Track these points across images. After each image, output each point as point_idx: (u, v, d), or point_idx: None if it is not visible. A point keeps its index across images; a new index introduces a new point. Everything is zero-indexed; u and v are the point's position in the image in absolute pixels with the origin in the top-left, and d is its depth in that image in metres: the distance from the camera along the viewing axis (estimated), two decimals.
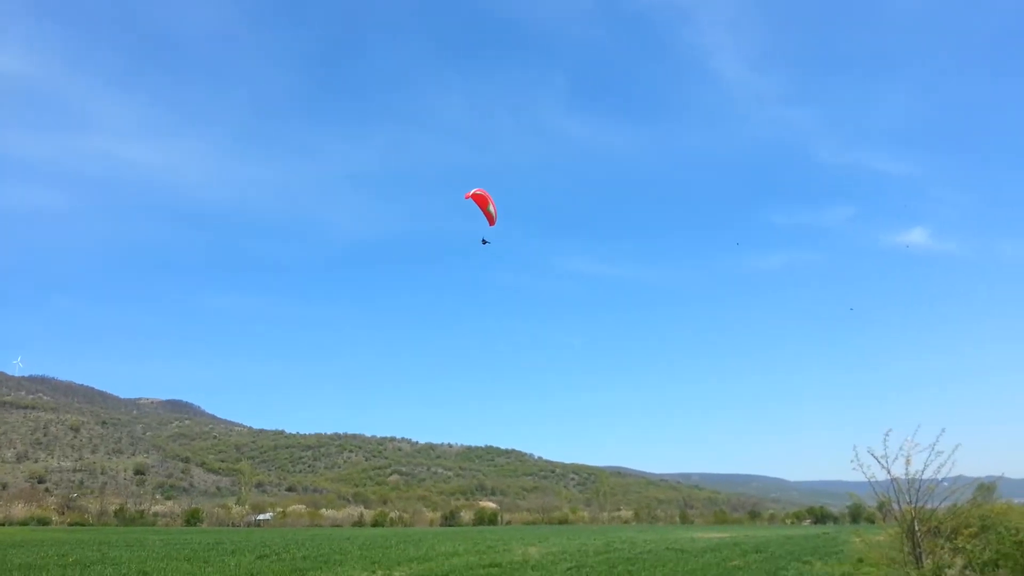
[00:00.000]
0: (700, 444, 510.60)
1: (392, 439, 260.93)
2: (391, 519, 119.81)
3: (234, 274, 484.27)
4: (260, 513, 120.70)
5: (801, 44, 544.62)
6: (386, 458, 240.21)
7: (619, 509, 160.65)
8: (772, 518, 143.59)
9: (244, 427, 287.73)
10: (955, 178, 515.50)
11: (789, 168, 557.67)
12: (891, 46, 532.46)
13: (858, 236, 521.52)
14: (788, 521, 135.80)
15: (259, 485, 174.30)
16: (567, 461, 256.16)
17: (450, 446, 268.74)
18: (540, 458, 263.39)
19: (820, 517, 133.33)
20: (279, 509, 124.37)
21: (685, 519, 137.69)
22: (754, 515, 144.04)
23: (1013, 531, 17.36)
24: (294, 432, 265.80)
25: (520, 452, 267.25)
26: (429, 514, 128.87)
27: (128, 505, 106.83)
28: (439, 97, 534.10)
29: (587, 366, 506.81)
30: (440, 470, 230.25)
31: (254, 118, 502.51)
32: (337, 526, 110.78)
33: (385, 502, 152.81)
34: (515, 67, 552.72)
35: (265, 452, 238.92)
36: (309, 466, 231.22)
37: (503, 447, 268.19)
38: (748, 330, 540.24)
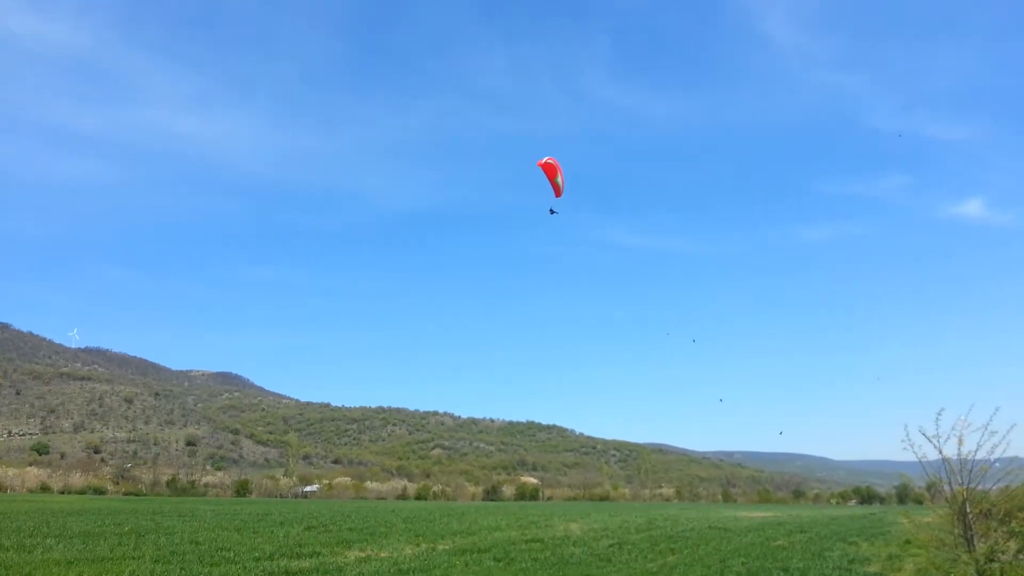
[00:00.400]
0: (743, 422, 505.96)
1: (435, 413, 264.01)
2: (434, 492, 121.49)
3: (281, 245, 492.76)
4: (307, 485, 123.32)
5: (853, 5, 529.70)
6: (429, 432, 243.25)
7: (660, 486, 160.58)
8: (817, 498, 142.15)
9: (291, 400, 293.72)
10: (1012, 145, 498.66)
11: (841, 136, 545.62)
12: (947, 6, 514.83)
13: (912, 207, 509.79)
14: (833, 501, 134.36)
15: (306, 457, 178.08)
16: (608, 437, 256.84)
17: (492, 421, 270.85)
18: (581, 434, 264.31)
19: (866, 497, 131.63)
20: (325, 481, 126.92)
21: (728, 497, 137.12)
22: (798, 494, 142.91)
23: None
24: (339, 405, 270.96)
25: (561, 428, 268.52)
26: (471, 488, 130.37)
27: (180, 476, 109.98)
28: (482, 62, 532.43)
29: (629, 340, 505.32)
30: (482, 445, 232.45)
31: (300, 88, 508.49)
32: (381, 499, 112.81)
33: (428, 476, 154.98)
34: (559, 32, 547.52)
35: (312, 424, 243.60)
36: (354, 439, 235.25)
37: (544, 423, 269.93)
38: (795, 305, 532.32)
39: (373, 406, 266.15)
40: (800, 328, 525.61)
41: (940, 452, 18.53)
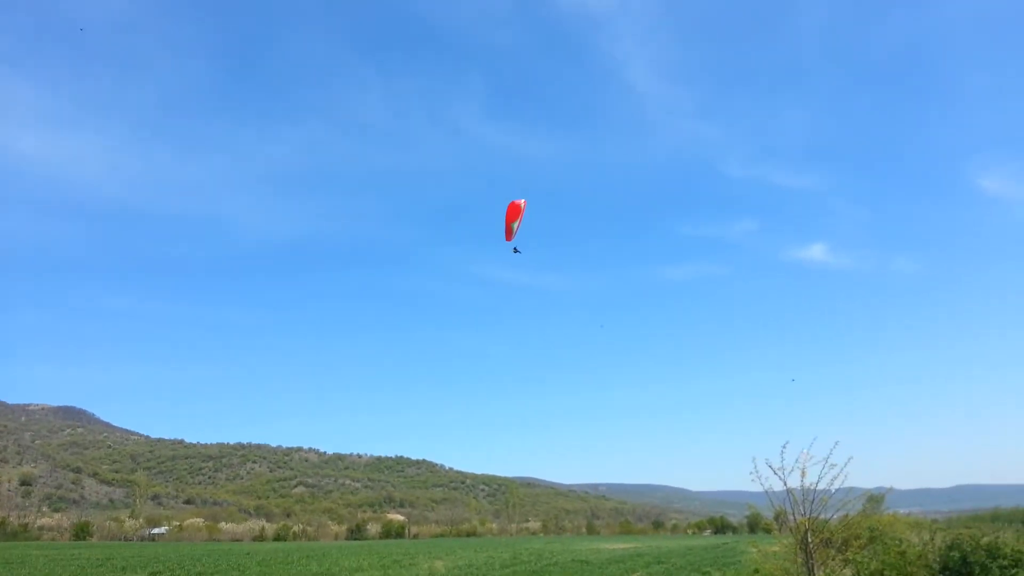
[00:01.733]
0: (608, 454, 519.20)
1: (299, 449, 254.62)
2: (294, 533, 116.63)
3: (134, 274, 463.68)
4: (155, 527, 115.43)
5: (710, 59, 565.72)
6: (292, 469, 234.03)
7: (528, 520, 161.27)
8: (675, 528, 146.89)
9: (141, 436, 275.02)
10: (852, 194, 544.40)
11: (698, 181, 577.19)
12: (794, 63, 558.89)
13: (761, 249, 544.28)
14: (690, 531, 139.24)
15: (155, 497, 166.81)
16: (478, 472, 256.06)
17: (359, 456, 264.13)
18: (451, 468, 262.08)
19: (720, 527, 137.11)
20: (175, 523, 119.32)
21: (592, 530, 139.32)
22: (658, 525, 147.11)
23: (897, 542, 18.16)
24: (194, 442, 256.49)
25: (431, 462, 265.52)
26: (334, 527, 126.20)
27: (11, 518, 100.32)
28: (357, 95, 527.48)
29: (501, 375, 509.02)
30: (348, 481, 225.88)
31: (160, 111, 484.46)
32: (237, 541, 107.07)
33: (289, 515, 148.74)
34: (433, 68, 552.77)
35: (163, 462, 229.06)
36: (209, 477, 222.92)
37: (414, 457, 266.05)
38: (656, 340, 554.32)
39: (232, 442, 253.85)
40: (661, 362, 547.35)
41: (785, 484, 19.55)
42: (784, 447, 19.29)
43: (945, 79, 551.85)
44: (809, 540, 19.61)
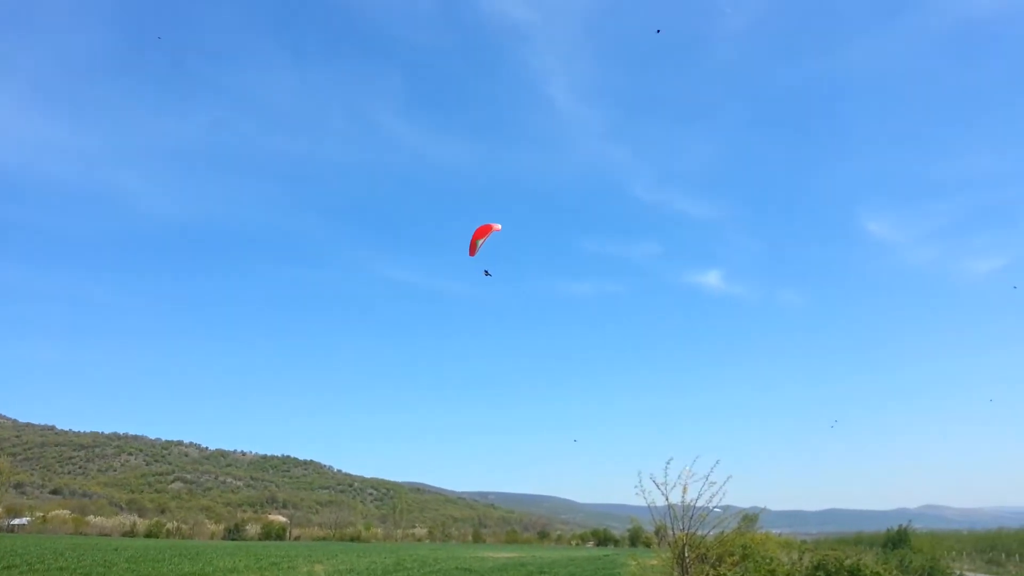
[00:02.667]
0: (499, 463, 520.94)
1: (179, 443, 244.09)
2: (168, 530, 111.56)
3: (9, 245, 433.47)
4: (16, 517, 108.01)
5: (624, 83, 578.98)
6: (170, 463, 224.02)
7: (414, 526, 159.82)
8: (560, 539, 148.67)
9: (8, 419, 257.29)
10: (748, 227, 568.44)
11: (606, 201, 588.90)
12: (703, 96, 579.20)
13: (661, 272, 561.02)
14: (574, 542, 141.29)
15: (18, 486, 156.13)
16: (368, 475, 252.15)
17: (243, 454, 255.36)
18: (339, 471, 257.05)
19: (603, 539, 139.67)
20: (39, 514, 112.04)
21: (478, 538, 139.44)
22: (543, 535, 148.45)
23: (768, 560, 18.95)
24: (66, 429, 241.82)
25: (319, 464, 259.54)
26: (211, 526, 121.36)
27: None
28: (269, 77, 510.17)
29: (397, 379, 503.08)
30: (229, 479, 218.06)
31: (55, 74, 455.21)
32: (105, 535, 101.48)
33: (163, 512, 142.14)
34: (352, 60, 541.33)
35: (30, 449, 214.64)
36: (80, 467, 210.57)
37: (301, 458, 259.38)
38: (553, 353, 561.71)
39: (106, 432, 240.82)
40: (557, 374, 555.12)
41: (667, 499, 20.14)
42: (668, 463, 19.89)
43: (842, 125, 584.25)
44: (686, 555, 20.24)
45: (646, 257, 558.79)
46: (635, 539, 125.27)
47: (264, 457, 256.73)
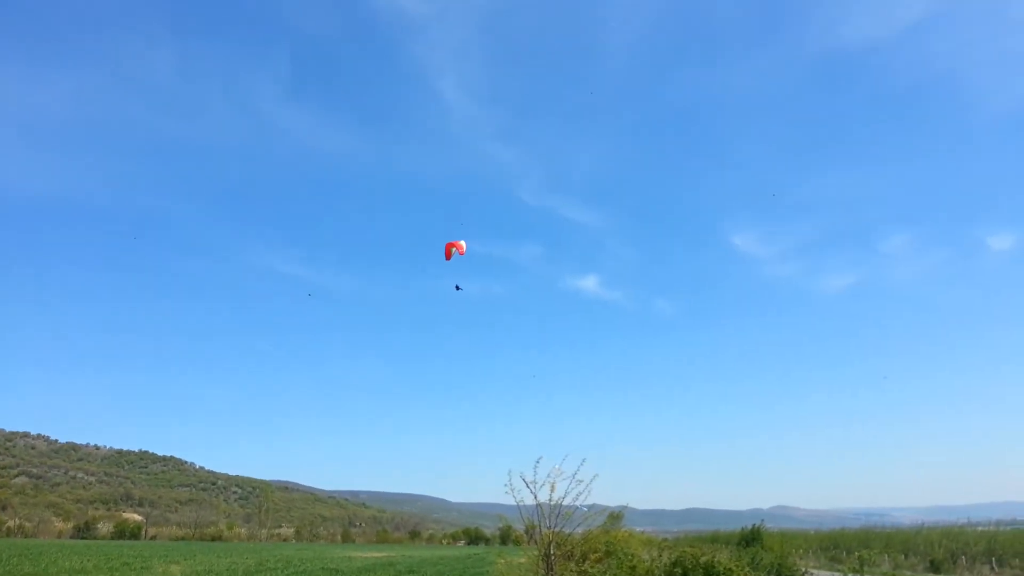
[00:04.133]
0: (371, 462, 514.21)
1: (25, 435, 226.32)
2: (9, 528, 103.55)
3: None
4: None
5: (515, 85, 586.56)
6: (14, 456, 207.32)
7: (280, 526, 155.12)
8: (431, 538, 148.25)
9: None
10: (626, 235, 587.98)
11: (493, 201, 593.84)
12: (590, 104, 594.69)
13: (544, 275, 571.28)
14: (445, 541, 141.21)
15: None
16: (232, 472, 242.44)
17: (97, 448, 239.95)
18: (202, 468, 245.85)
19: (474, 538, 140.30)
20: None
21: (347, 537, 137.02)
22: (415, 535, 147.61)
23: (629, 556, 19.53)
24: None
25: (179, 460, 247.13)
26: (59, 524, 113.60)
27: None
28: (143, 50, 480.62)
29: (268, 373, 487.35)
30: (80, 475, 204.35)
31: None
32: None
33: (5, 508, 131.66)
34: (236, 40, 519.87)
35: None
36: None
37: (160, 453, 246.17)
38: (432, 351, 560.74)
39: None
40: (435, 372, 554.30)
41: (535, 497, 20.39)
42: (538, 462, 20.13)
43: (716, 141, 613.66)
44: (552, 552, 20.56)
45: (530, 259, 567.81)
46: (506, 538, 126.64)
47: (120, 452, 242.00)
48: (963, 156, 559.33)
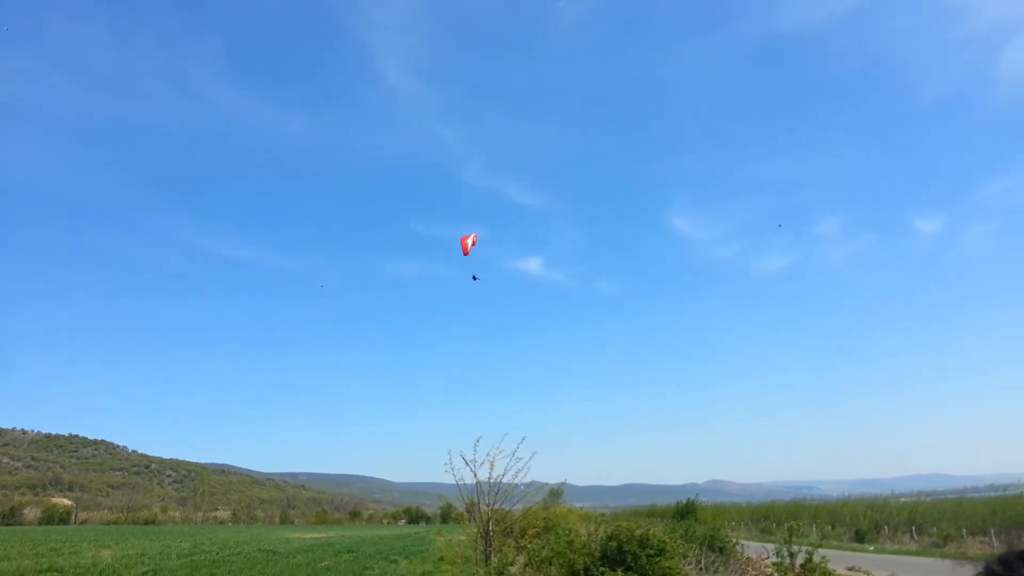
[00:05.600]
0: (310, 443, 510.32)
1: None
2: None
3: None
4: None
5: (461, 67, 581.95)
6: None
7: (217, 509, 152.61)
8: (371, 518, 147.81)
9: None
10: (570, 219, 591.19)
11: (437, 182, 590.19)
12: (536, 89, 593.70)
13: (488, 256, 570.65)
14: (386, 521, 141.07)
15: None
16: (166, 456, 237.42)
17: (24, 432, 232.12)
18: (134, 451, 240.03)
19: (415, 517, 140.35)
20: None
21: (285, 519, 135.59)
22: (355, 515, 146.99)
23: (567, 532, 19.82)
24: None
25: (111, 444, 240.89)
26: None
27: None
28: (76, 27, 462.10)
29: (205, 353, 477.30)
30: (6, 459, 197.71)
31: None
32: None
33: None
34: (172, 19, 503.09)
35: None
36: None
37: (91, 437, 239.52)
38: (374, 330, 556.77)
39: None
40: (376, 352, 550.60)
41: (475, 476, 20.51)
42: (478, 441, 20.24)
43: (659, 126, 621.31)
44: (491, 529, 20.74)
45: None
46: (447, 516, 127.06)
47: (48, 436, 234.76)
48: (893, 142, 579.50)
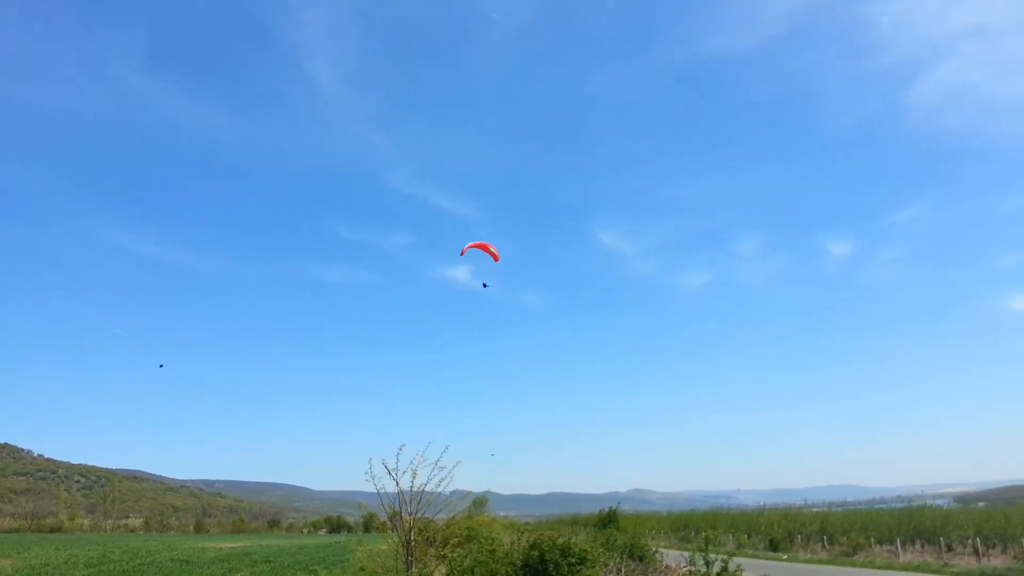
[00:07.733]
0: (228, 450, 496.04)
1: None
2: None
3: None
4: None
5: (391, 72, 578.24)
6: None
7: (128, 516, 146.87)
8: (291, 527, 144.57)
9: None
10: (497, 229, 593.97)
11: (363, 187, 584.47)
12: (467, 96, 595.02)
13: (414, 263, 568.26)
14: (306, 530, 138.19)
15: None
16: (75, 461, 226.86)
17: None
18: (40, 456, 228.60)
19: (336, 526, 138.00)
20: None
21: (200, 528, 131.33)
22: (273, 524, 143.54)
23: (490, 541, 19.86)
24: None
25: (14, 447, 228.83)
26: None
27: None
28: None
29: (113, 357, 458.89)
30: None
31: None
32: None
33: None
34: (89, 4, 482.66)
35: None
36: None
37: None
38: (292, 335, 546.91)
39: None
40: (295, 357, 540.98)
41: (397, 484, 20.35)
42: (400, 449, 20.11)
43: (586, 142, 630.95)
44: (412, 539, 20.62)
45: (400, 247, 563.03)
46: (369, 525, 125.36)
47: None
48: (809, 167, 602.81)
